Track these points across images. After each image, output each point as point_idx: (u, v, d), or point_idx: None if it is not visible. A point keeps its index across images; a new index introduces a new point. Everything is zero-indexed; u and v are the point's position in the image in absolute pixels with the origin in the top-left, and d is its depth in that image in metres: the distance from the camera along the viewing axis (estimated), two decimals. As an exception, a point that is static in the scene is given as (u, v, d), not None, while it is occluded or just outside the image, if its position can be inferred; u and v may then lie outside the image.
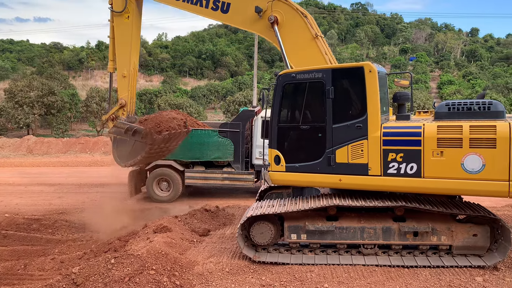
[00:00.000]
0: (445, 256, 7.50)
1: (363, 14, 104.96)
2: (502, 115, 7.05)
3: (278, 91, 7.94)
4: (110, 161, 12.87)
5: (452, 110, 7.32)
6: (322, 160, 7.68)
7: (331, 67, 7.79)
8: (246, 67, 78.60)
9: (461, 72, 74.98)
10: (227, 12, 9.99)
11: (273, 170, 8.07)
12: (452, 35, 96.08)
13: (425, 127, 7.14)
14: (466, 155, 6.88)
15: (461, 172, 6.91)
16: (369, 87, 7.38)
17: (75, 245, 9.80)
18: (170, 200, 14.43)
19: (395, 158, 7.24)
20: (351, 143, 7.50)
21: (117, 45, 11.63)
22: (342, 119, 7.55)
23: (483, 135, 6.79)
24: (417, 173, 7.15)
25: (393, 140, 7.26)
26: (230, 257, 8.05)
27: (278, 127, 7.99)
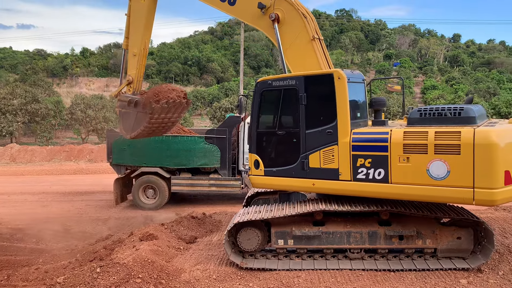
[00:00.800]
0: (430, 259, 7.59)
1: (347, 20, 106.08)
2: (472, 121, 6.95)
3: (256, 97, 8.25)
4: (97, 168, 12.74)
5: (423, 116, 7.33)
6: (297, 164, 7.88)
7: (303, 74, 7.95)
8: (232, 73, 78.74)
9: (444, 77, 76.23)
10: (234, 5, 10.00)
11: (253, 174, 8.35)
12: (435, 41, 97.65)
13: (392, 133, 7.18)
14: (432, 161, 6.82)
15: (426, 178, 6.86)
16: (338, 94, 7.51)
17: (60, 254, 9.66)
18: (156, 208, 14.32)
19: (364, 164, 7.32)
20: (322, 149, 7.66)
21: (131, 24, 11.92)
22: (314, 125, 7.74)
23: (448, 141, 6.70)
24: (384, 179, 7.19)
25: (362, 145, 7.35)
26: (217, 264, 8.03)
27: (257, 133, 8.29)
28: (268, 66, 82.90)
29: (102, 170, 23.84)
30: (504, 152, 6.47)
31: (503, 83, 70.35)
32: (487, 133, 6.49)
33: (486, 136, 6.46)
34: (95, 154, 28.31)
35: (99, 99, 45.73)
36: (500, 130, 6.64)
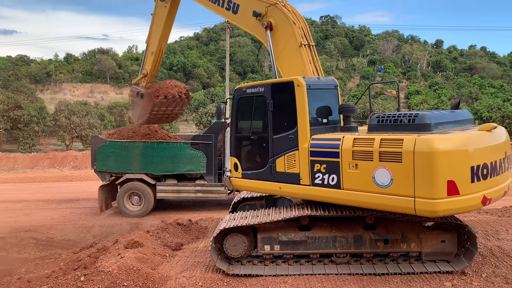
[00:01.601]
0: (415, 263, 7.65)
1: (332, 26, 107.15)
2: (427, 128, 6.66)
3: (234, 104, 8.70)
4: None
5: (381, 123, 7.26)
6: (266, 168, 8.15)
7: (270, 82, 8.16)
8: (218, 78, 78.78)
9: (428, 82, 77.41)
10: (237, 13, 10.45)
11: (233, 176, 8.78)
12: (418, 47, 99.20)
13: (343, 139, 7.21)
14: (376, 168, 6.72)
15: (373, 186, 6.76)
16: (298, 101, 7.66)
17: (43, 263, 9.50)
18: (141, 215, 14.19)
19: (320, 169, 7.40)
20: (286, 153, 7.84)
21: (153, 25, 13.78)
22: (280, 131, 7.94)
23: (391, 148, 6.55)
24: (337, 185, 7.23)
25: (318, 151, 7.44)
26: (203, 271, 7.98)
27: (235, 137, 8.72)
28: (254, 71, 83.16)
29: (87, 177, 23.59)
30: (447, 161, 6.17)
31: (485, 88, 71.74)
32: (429, 141, 6.21)
33: (427, 144, 6.19)
34: (79, 161, 28.02)
35: (84, 105, 45.26)
36: (447, 138, 6.34)
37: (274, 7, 9.42)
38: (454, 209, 6.37)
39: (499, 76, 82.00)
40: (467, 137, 6.55)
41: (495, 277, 7.20)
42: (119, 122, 49.87)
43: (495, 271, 7.43)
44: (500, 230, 9.96)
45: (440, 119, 6.99)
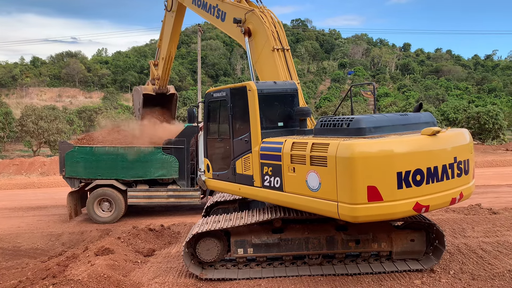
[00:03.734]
0: (386, 262, 7.80)
1: (303, 30, 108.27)
2: (361, 132, 6.61)
3: (205, 107, 8.97)
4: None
5: (323, 127, 7.29)
6: (229, 170, 8.35)
7: (230, 87, 8.31)
8: (190, 82, 78.30)
9: (396, 84, 79.19)
10: (224, 21, 10.65)
11: (206, 177, 9.12)
12: (387, 50, 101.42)
13: (285, 143, 7.26)
14: (308, 172, 6.72)
15: (306, 189, 6.80)
16: (250, 105, 7.80)
17: (9, 273, 9.20)
18: (112, 221, 13.93)
19: (267, 172, 7.51)
20: (243, 156, 7.99)
21: (164, 32, 14.76)
22: (238, 134, 8.12)
23: (319, 153, 6.54)
24: (280, 187, 7.32)
25: (266, 154, 7.55)
26: (176, 276, 7.90)
27: (207, 139, 9.01)
28: (226, 74, 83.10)
29: (55, 184, 23.00)
30: (367, 166, 6.06)
31: (451, 90, 73.98)
32: (349, 146, 6.14)
33: (348, 149, 6.12)
34: (47, 167, 27.29)
35: (52, 109, 44.15)
36: (371, 143, 6.20)
37: (252, 13, 9.53)
38: (377, 215, 6.22)
39: (464, 78, 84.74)
40: (395, 142, 6.34)
41: (462, 273, 7.41)
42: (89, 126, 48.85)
43: (462, 267, 7.65)
44: (467, 228, 10.27)
45: (378, 123, 6.87)
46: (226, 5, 10.62)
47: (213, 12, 11.09)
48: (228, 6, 10.48)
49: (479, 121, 34.82)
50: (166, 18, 14.46)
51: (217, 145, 8.81)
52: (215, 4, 11.00)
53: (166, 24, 14.50)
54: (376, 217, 6.29)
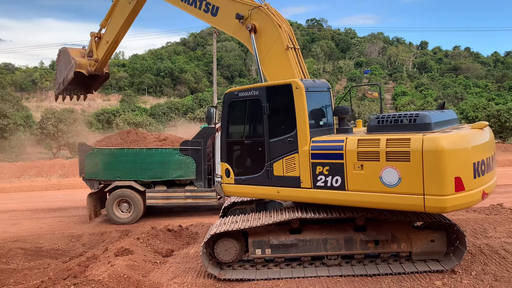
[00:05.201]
0: (406, 263, 7.71)
1: (318, 30, 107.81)
2: (428, 127, 6.86)
3: (225, 108, 8.50)
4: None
5: (381, 123, 7.38)
6: (263, 173, 8.02)
7: (265, 85, 8.13)
8: (206, 83, 78.69)
9: (414, 83, 78.21)
10: (216, 16, 10.26)
11: (225, 182, 8.53)
12: (404, 48, 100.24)
13: (347, 140, 7.25)
14: (384, 168, 6.80)
15: (380, 186, 6.83)
16: (296, 103, 7.65)
17: (32, 273, 9.36)
18: (131, 222, 14.09)
19: (322, 171, 7.40)
20: (285, 157, 7.77)
21: (113, 16, 13.17)
22: (276, 134, 7.87)
23: (398, 148, 6.66)
24: (341, 186, 7.25)
25: (320, 153, 7.44)
26: (195, 277, 7.95)
27: (227, 142, 8.51)
28: (242, 75, 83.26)
29: (75, 185, 23.36)
30: (454, 159, 6.36)
31: (470, 88, 72.73)
32: (436, 140, 6.39)
33: (435, 143, 6.37)
34: (67, 169, 27.73)
35: (70, 112, 44.83)
36: (452, 136, 6.54)
37: (258, 10, 9.34)
38: (460, 204, 6.53)
39: (483, 76, 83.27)
40: (467, 135, 6.76)
41: (485, 274, 7.28)
42: (107, 129, 49.46)
43: (485, 268, 7.51)
44: (488, 228, 10.09)
45: (437, 118, 7.20)
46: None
47: (198, 6, 10.60)
48: (225, 1, 10.06)
49: (499, 119, 34.14)
50: (121, 2, 12.84)
51: (241, 147, 8.50)
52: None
53: (120, 9, 12.88)
54: (460, 206, 6.58)
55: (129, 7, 12.54)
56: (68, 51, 13.90)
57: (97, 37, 13.79)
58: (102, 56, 13.55)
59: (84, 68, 13.67)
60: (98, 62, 13.66)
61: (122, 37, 13.51)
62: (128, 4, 12.55)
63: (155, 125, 42.86)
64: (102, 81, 14.97)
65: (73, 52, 13.94)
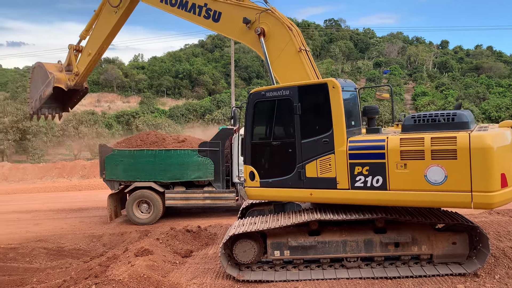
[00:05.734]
0: (427, 265, 7.60)
1: (336, 30, 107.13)
2: (466, 126, 7.01)
3: (250, 108, 8.22)
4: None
5: (417, 123, 7.39)
6: (293, 175, 7.83)
7: (297, 85, 7.96)
8: (224, 85, 78.93)
9: (434, 83, 76.97)
10: (218, 21, 10.15)
11: (248, 186, 8.27)
12: (424, 48, 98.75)
13: (388, 140, 7.21)
14: (429, 166, 6.86)
15: (424, 184, 6.89)
16: (333, 103, 7.54)
17: (54, 273, 9.54)
18: (151, 222, 14.23)
19: (362, 172, 7.32)
20: (319, 158, 7.63)
21: (97, 27, 12.33)
22: (310, 135, 7.72)
23: (444, 146, 6.76)
24: (383, 186, 7.20)
25: (359, 153, 7.36)
26: (214, 278, 7.97)
27: (251, 144, 8.23)
28: (259, 77, 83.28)
29: (96, 186, 23.70)
30: (498, 156, 6.53)
31: (492, 88, 71.21)
32: (483, 138, 6.55)
33: (482, 140, 6.52)
34: (87, 170, 28.16)
35: (91, 114, 45.59)
36: (494, 134, 6.68)
37: (267, 14, 9.35)
38: (506, 200, 6.68)
39: (507, 75, 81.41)
40: (505, 133, 6.92)
41: (509, 278, 7.12)
42: (127, 130, 50.08)
43: (508, 272, 7.35)
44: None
45: (470, 118, 7.33)
46: (222, 4, 10.00)
47: (197, 12, 10.38)
48: (227, 6, 9.94)
49: (523, 119, 33.40)
50: (105, 13, 12.00)
51: (269, 149, 8.18)
52: (202, 3, 10.24)
53: (104, 20, 12.07)
54: (505, 202, 6.74)
55: (114, 17, 11.81)
56: (44, 66, 12.85)
57: (76, 49, 12.88)
58: (83, 70, 12.67)
59: (63, 82, 12.65)
60: (79, 76, 12.70)
61: (106, 49, 12.82)
62: (113, 14, 11.80)
63: (174, 127, 43.20)
64: (81, 97, 13.86)
65: (50, 67, 12.91)
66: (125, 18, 12.14)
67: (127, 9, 11.83)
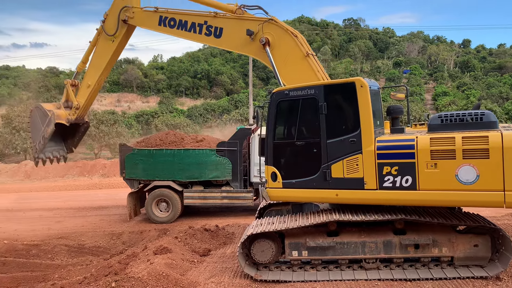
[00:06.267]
0: (447, 268, 7.47)
1: (355, 29, 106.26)
2: (494, 125, 7.02)
3: (272, 108, 8.07)
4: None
5: (445, 122, 7.34)
6: (318, 175, 7.71)
7: (323, 83, 7.85)
8: (242, 85, 79.11)
9: (455, 83, 75.65)
10: (220, 37, 10.28)
11: (270, 187, 8.11)
12: (445, 47, 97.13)
13: (418, 139, 7.15)
14: (460, 166, 6.85)
15: (455, 184, 6.87)
16: (361, 102, 7.43)
17: (75, 269, 9.71)
18: (169, 221, 14.36)
19: (390, 171, 7.23)
20: (346, 158, 7.52)
21: (94, 58, 12.26)
22: (336, 134, 7.60)
23: (476, 145, 6.76)
24: (412, 186, 7.13)
25: (388, 153, 7.27)
26: (231, 277, 8.00)
27: (274, 144, 8.06)
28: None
29: (115, 185, 24.02)
30: None
31: (516, 87, 69.52)
32: None
33: None
34: (108, 169, 28.57)
35: (111, 114, 46.23)
36: None
37: (269, 24, 9.51)
38: None
39: (531, 75, 79.44)
40: None
41: (532, 282, 6.95)
42: (146, 130, 50.63)
43: (532, 276, 7.17)
44: (536, 233, 9.61)
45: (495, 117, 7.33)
46: (222, 20, 10.17)
47: (198, 31, 10.49)
48: (228, 21, 10.09)
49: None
50: (102, 43, 11.98)
51: (292, 149, 8.01)
52: (201, 21, 10.36)
53: (102, 49, 12.02)
54: None
55: (112, 46, 11.81)
56: (42, 106, 12.66)
57: (72, 85, 12.80)
58: (84, 102, 12.52)
59: (63, 118, 12.45)
60: (80, 109, 12.54)
61: (106, 78, 12.74)
62: (111, 43, 11.79)
63: (192, 127, 43.50)
64: (83, 133, 13.66)
65: (47, 106, 12.73)
66: (124, 45, 12.19)
67: (124, 36, 11.86)
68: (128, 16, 11.44)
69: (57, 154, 13.16)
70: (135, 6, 11.46)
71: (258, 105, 9.41)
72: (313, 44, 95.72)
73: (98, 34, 12.12)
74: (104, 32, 11.83)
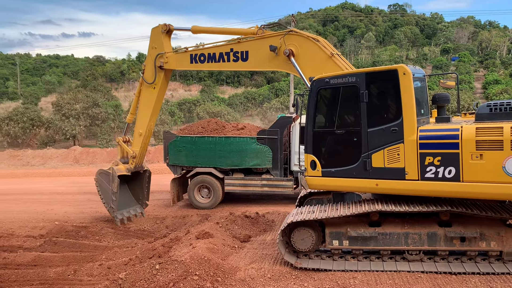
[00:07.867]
0: (496, 263, 7.20)
1: (401, 15, 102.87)
2: None
3: (313, 96, 8.00)
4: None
5: (494, 111, 6.99)
6: (358, 164, 7.60)
7: (364, 71, 7.65)
8: (282, 73, 78.63)
9: (508, 70, 71.82)
10: (247, 60, 10.76)
11: (309, 175, 8.09)
12: (497, 33, 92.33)
13: (463, 129, 6.89)
14: (508, 157, 6.53)
15: (502, 176, 6.57)
16: (403, 90, 7.22)
17: (121, 251, 10.09)
18: (210, 207, 14.62)
19: (433, 162, 7.02)
20: (387, 147, 7.36)
21: (140, 106, 13.04)
22: (377, 123, 7.44)
23: None
24: (455, 177, 6.90)
25: (430, 143, 7.05)
26: (271, 263, 8.06)
27: (313, 132, 8.01)
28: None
29: (159, 171, 24.60)
30: None
31: None
32: None
33: None
34: (152, 155, 29.30)
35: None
36: None
37: (290, 35, 9.90)
38: None
39: None
40: None
41: None
42: (188, 118, 51.50)
43: None
44: None
45: None
46: (246, 43, 10.67)
47: (226, 59, 10.98)
48: (252, 43, 10.55)
49: None
50: (144, 91, 12.67)
51: (332, 138, 7.94)
52: (228, 50, 10.91)
53: (146, 97, 12.70)
54: None
55: (155, 92, 12.47)
56: (102, 170, 13.31)
57: (124, 141, 13.52)
58: (139, 150, 13.12)
59: (123, 170, 13.02)
60: (136, 157, 13.16)
61: (154, 122, 13.32)
62: (153, 90, 12.48)
63: (233, 115, 43.80)
64: (148, 182, 13.93)
65: (107, 168, 13.36)
66: (165, 88, 12.92)
67: (164, 80, 12.52)
68: (163, 62, 12.17)
69: (134, 212, 13.67)
70: (167, 51, 12.19)
71: (298, 93, 9.39)
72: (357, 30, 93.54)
73: (140, 85, 12.90)
74: (144, 81, 12.59)
